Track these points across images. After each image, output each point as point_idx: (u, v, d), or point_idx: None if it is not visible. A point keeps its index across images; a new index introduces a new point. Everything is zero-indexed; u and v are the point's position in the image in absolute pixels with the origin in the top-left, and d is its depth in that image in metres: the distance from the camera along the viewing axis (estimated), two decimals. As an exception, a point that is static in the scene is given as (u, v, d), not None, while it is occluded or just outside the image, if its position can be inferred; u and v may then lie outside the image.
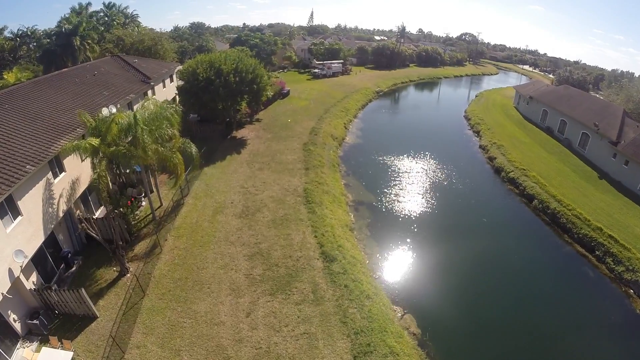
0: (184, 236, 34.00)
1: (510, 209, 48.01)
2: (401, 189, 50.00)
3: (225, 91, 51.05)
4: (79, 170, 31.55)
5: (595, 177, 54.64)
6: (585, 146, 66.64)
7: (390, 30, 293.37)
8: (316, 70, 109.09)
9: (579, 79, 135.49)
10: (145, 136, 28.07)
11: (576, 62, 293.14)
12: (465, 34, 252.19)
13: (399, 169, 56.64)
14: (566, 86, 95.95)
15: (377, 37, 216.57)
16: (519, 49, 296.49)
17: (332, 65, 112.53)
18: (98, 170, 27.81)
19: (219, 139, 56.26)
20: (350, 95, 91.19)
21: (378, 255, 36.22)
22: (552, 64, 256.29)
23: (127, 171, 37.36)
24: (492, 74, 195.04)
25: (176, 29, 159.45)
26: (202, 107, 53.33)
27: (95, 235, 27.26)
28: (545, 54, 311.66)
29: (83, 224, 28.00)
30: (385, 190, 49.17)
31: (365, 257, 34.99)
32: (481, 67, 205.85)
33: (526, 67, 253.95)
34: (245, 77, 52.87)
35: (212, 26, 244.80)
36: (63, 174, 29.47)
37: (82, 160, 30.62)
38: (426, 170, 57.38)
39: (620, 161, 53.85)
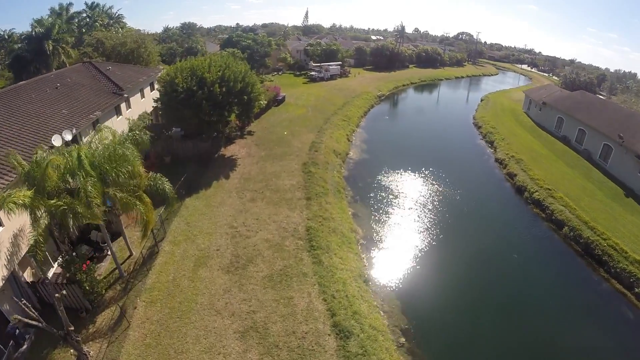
0: (157, 302, 26.29)
1: (539, 238, 41.97)
2: (415, 218, 42.95)
3: (210, 104, 43.04)
4: (23, 220, 23.83)
5: (621, 195, 50.05)
6: (607, 159, 61.72)
7: (386, 30, 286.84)
8: (313, 73, 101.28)
9: (585, 81, 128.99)
10: (90, 187, 20.30)
11: (572, 61, 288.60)
12: (462, 33, 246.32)
13: (410, 191, 49.45)
14: (583, 92, 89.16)
15: (373, 37, 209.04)
16: (516, 48, 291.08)
17: (330, 67, 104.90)
18: (35, 233, 20.26)
19: (205, 159, 48.26)
20: (351, 101, 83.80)
21: (400, 313, 28.97)
22: (550, 63, 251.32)
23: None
24: (492, 75, 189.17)
25: (166, 29, 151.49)
26: (183, 122, 45.61)
27: (35, 322, 19.52)
28: (541, 52, 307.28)
29: (23, 301, 20.32)
30: (399, 219, 42.16)
31: (385, 322, 27.59)
32: (481, 67, 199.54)
33: (524, 66, 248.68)
34: (233, 86, 44.71)
35: (205, 27, 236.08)
36: (0, 229, 22.26)
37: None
38: (442, 192, 50.11)
39: None
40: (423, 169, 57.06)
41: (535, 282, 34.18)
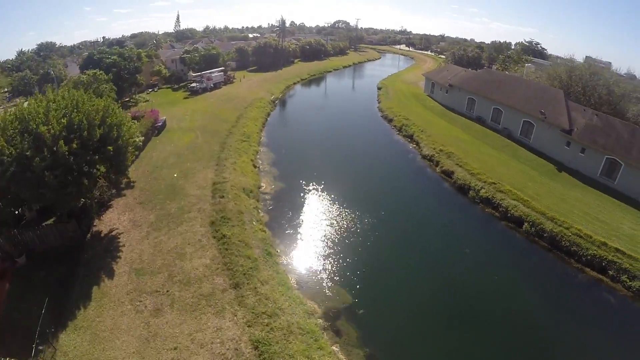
0: None
1: (502, 241, 38.31)
2: (369, 259, 33.33)
3: (57, 172, 26.12)
4: None
5: (554, 171, 51.18)
6: (529, 135, 61.70)
7: (260, 27, 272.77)
8: (194, 85, 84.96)
9: (474, 56, 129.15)
10: None
11: (442, 36, 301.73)
12: (339, 21, 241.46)
13: (347, 221, 39.16)
14: (489, 70, 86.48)
15: (251, 35, 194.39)
16: (391, 30, 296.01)
17: (212, 75, 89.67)
18: None
19: (75, 247, 31.02)
20: (245, 113, 69.90)
21: None
22: (426, 41, 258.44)
23: None
24: (375, 59, 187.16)
25: (20, 54, 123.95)
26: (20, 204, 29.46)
27: None
28: (411, 32, 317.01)
29: None
30: (361, 275, 30.68)
31: None
32: (363, 53, 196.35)
33: (402, 46, 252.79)
34: (89, 136, 28.11)
35: (69, 45, 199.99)
36: None
37: None
38: (382, 208, 42.19)
39: (575, 149, 51.54)
40: (351, 185, 47.81)
41: (517, 290, 31.10)
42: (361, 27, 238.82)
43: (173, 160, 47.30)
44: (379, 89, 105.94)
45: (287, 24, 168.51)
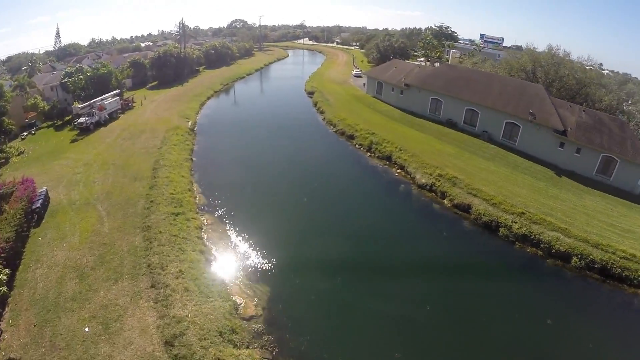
0: None
1: (559, 286, 31.56)
2: None
3: None
4: None
5: (554, 177, 47.33)
6: (513, 138, 55.86)
7: (150, 34, 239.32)
8: (82, 120, 60.76)
9: (400, 46, 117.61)
10: None
11: (338, 27, 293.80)
12: (236, 20, 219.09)
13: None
14: (449, 66, 74.43)
15: (143, 45, 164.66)
16: (290, 25, 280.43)
17: (106, 102, 66.11)
18: None
19: None
20: (162, 157, 47.46)
21: None
22: (328, 33, 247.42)
23: None
24: (285, 58, 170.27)
25: None
26: None
27: None
28: (303, 24, 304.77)
29: None
30: None
31: None
32: (270, 52, 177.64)
33: (305, 40, 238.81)
34: None
35: None
36: None
37: None
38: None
39: (570, 150, 49.02)
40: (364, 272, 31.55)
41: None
42: (265, 25, 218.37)
43: (73, 286, 25.56)
44: (311, 94, 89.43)
45: (176, 29, 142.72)
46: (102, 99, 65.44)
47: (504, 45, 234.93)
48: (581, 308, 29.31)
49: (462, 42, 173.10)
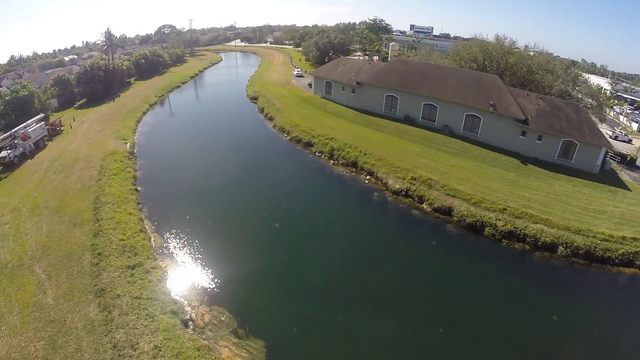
0: None
1: (547, 277, 32.12)
2: None
3: None
4: None
5: (520, 166, 48.23)
6: (474, 130, 55.92)
7: (74, 47, 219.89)
8: (5, 154, 51.76)
9: (340, 42, 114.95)
10: None
11: (269, 26, 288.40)
12: (164, 26, 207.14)
13: None
14: (402, 60, 72.15)
15: (67, 58, 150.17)
16: (219, 27, 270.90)
17: (30, 129, 57.67)
18: None
19: None
20: (102, 191, 40.43)
21: None
22: (260, 33, 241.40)
23: None
24: (219, 62, 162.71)
25: None
26: None
27: None
28: (233, 25, 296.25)
29: None
30: None
31: None
32: (203, 57, 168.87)
33: (237, 42, 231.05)
34: None
35: None
36: None
37: None
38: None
39: (532, 138, 50.13)
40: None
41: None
42: (194, 29, 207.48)
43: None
44: (255, 99, 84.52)
45: (101, 39, 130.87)
46: (25, 127, 57.15)
47: (433, 34, 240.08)
48: (580, 297, 30.63)
49: (395, 34, 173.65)
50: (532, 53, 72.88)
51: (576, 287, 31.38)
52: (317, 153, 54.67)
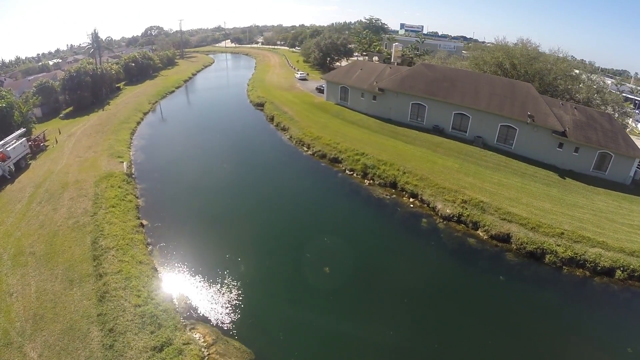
0: None
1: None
2: None
3: None
4: None
5: (559, 180, 45.10)
6: (509, 142, 51.63)
7: (58, 50, 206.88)
8: None
9: (343, 42, 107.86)
10: None
11: (257, 26, 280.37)
12: (151, 27, 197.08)
13: None
14: (428, 65, 65.43)
15: (51, 62, 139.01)
16: (208, 28, 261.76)
17: (10, 147, 48.85)
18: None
19: None
20: (102, 228, 32.46)
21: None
22: (250, 34, 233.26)
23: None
24: (211, 64, 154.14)
25: None
26: None
27: None
28: (220, 26, 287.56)
29: None
30: None
31: None
32: (194, 59, 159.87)
33: (227, 43, 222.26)
34: None
35: None
36: None
37: None
38: None
39: (569, 150, 47.22)
40: None
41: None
42: (185, 30, 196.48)
43: None
44: (260, 105, 76.96)
45: (85, 42, 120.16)
46: (4, 145, 48.68)
47: (424, 33, 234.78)
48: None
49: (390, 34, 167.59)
50: (557, 58, 67.18)
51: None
52: (347, 171, 47.44)
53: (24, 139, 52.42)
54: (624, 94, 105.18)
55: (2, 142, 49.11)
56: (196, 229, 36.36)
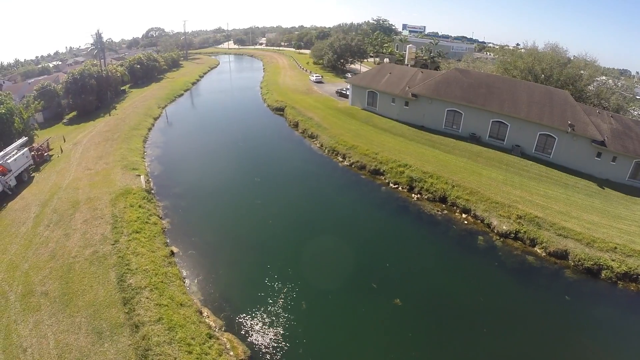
0: None
1: None
2: None
3: None
4: None
5: (599, 190, 42.80)
6: (547, 151, 49.37)
7: (57, 52, 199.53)
8: None
9: (357, 44, 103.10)
10: None
11: (257, 27, 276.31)
12: (152, 29, 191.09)
13: None
14: (462, 70, 61.12)
15: (52, 64, 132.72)
16: (209, 30, 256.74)
17: (10, 159, 43.51)
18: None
19: None
20: (128, 261, 27.44)
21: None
22: (253, 35, 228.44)
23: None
24: (216, 66, 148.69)
25: None
26: None
27: None
28: (220, 27, 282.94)
29: None
30: None
31: None
32: (198, 61, 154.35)
33: (230, 44, 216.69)
34: None
35: None
36: None
37: None
38: None
39: (607, 159, 45.59)
40: None
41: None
42: (190, 31, 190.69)
43: None
44: (280, 110, 71.80)
45: (85, 44, 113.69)
46: (4, 156, 43.16)
47: (426, 33, 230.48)
48: None
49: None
50: (585, 63, 63.82)
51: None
52: (391, 184, 42.65)
53: (25, 148, 46.82)
54: (638, 97, 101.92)
55: (2, 153, 43.61)
56: (236, 256, 31.27)
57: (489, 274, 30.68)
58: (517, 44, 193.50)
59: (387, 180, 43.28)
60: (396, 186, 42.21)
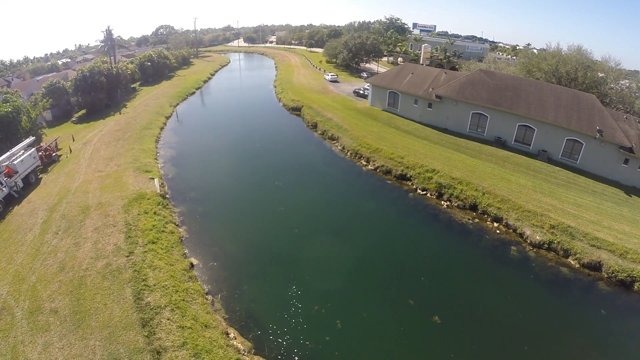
0: None
1: None
2: None
3: None
4: None
5: (627, 199, 40.38)
6: (573, 156, 47.32)
7: (67, 50, 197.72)
8: None
9: (373, 43, 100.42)
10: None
11: (267, 26, 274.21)
12: (162, 26, 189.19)
13: None
14: (487, 72, 58.71)
15: (60, 62, 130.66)
16: (219, 28, 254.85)
17: (17, 160, 41.53)
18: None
19: None
20: (145, 275, 25.20)
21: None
22: (263, 33, 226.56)
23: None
24: (227, 64, 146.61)
25: None
26: None
27: None
28: (230, 25, 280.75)
29: None
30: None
31: None
32: (209, 58, 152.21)
33: (240, 42, 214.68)
34: None
35: None
36: None
37: None
38: None
39: (634, 166, 43.26)
40: None
41: None
42: (196, 29, 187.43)
43: None
44: (296, 110, 69.32)
45: (94, 42, 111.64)
46: (10, 156, 40.93)
47: (436, 32, 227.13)
48: None
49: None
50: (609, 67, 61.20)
51: None
52: (418, 190, 40.11)
53: (33, 149, 44.51)
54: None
55: (8, 153, 41.43)
56: (261, 268, 28.86)
57: (525, 287, 28.64)
58: (528, 44, 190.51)
59: (414, 186, 40.76)
60: (424, 192, 39.71)
